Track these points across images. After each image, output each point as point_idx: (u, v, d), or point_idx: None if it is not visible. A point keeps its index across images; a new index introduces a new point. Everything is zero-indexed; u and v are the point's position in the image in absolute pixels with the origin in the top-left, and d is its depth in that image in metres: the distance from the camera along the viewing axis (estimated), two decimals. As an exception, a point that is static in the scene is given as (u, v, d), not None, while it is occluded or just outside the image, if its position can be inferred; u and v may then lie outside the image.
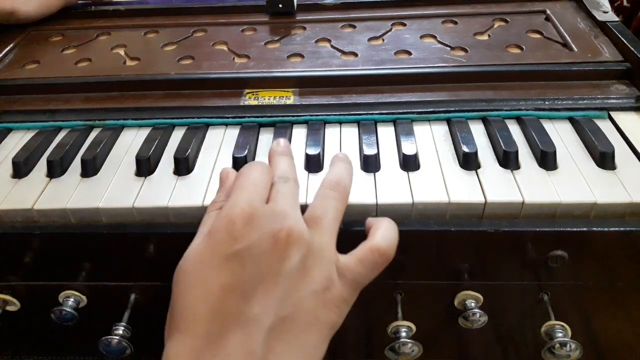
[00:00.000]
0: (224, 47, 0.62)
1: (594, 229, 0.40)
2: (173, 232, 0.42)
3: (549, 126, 0.48)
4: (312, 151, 0.46)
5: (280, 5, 0.67)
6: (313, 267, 0.33)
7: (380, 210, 0.42)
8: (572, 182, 0.42)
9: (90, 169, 0.47)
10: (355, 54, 0.58)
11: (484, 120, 0.50)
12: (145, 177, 0.46)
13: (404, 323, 0.44)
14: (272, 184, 0.36)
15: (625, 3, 0.83)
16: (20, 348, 0.54)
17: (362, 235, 0.41)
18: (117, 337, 0.43)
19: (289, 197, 0.35)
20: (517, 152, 0.45)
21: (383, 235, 0.36)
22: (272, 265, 0.32)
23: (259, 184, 0.35)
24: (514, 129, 0.48)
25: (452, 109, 0.50)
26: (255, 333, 0.31)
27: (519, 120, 0.50)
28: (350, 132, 0.50)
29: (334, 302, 0.33)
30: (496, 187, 0.42)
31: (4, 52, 0.63)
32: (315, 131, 0.49)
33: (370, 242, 0.35)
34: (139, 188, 0.45)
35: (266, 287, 0.32)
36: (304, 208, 0.41)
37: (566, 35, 0.58)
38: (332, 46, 0.60)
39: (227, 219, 0.33)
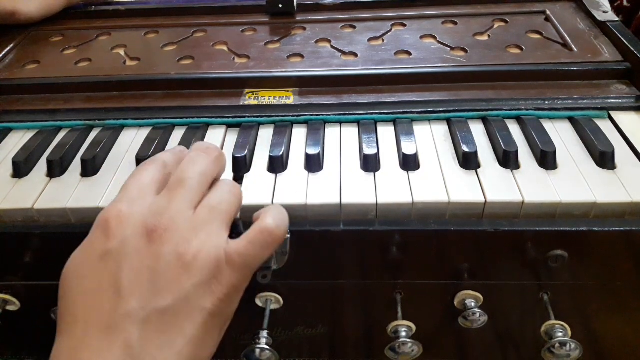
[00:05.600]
0: (224, 47, 0.62)
1: (594, 228, 0.40)
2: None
3: (549, 126, 0.48)
4: (312, 151, 0.46)
5: (280, 6, 0.67)
6: (197, 258, 0.33)
7: (380, 210, 0.42)
8: (572, 181, 0.42)
9: (90, 168, 0.47)
10: (355, 54, 0.58)
11: (484, 120, 0.50)
12: (145, 177, 0.46)
13: (404, 323, 0.44)
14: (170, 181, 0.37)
15: (625, 3, 0.83)
16: (21, 348, 0.54)
17: (362, 234, 0.41)
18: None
19: (177, 195, 0.35)
20: (517, 151, 0.45)
21: (273, 216, 0.36)
22: (146, 262, 0.32)
23: (146, 183, 0.36)
24: (514, 128, 0.48)
25: (452, 109, 0.50)
26: (131, 328, 0.31)
27: (519, 120, 0.50)
28: (350, 132, 0.50)
29: (222, 291, 0.33)
30: (496, 186, 0.42)
31: (4, 52, 0.63)
32: (315, 131, 0.49)
33: (260, 223, 0.35)
34: (139, 188, 0.45)
35: (141, 282, 0.32)
36: (304, 208, 0.42)
37: (566, 36, 0.58)
38: (332, 46, 0.60)
39: (103, 219, 0.34)
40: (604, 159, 0.44)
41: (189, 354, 0.32)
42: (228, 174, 0.46)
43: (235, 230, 0.36)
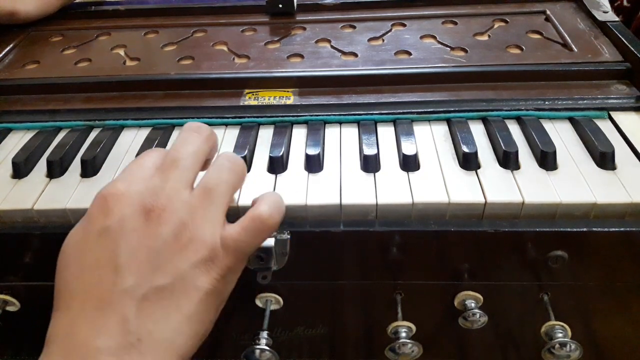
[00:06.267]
0: (224, 48, 0.62)
1: (594, 229, 0.40)
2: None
3: (549, 126, 0.48)
4: (312, 151, 0.46)
5: (280, 6, 0.67)
6: (193, 239, 0.34)
7: (380, 211, 0.42)
8: (572, 182, 0.42)
9: (90, 169, 0.47)
10: (355, 54, 0.58)
11: (484, 120, 0.50)
12: (145, 177, 0.46)
13: (404, 323, 0.44)
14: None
15: (625, 3, 0.83)
16: (21, 348, 0.54)
17: (362, 235, 0.41)
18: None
19: (171, 175, 0.35)
20: (517, 152, 0.45)
21: (268, 203, 0.36)
22: (143, 240, 0.33)
23: (146, 167, 0.36)
24: (514, 129, 0.48)
25: (452, 109, 0.50)
26: (128, 304, 0.31)
27: (519, 120, 0.50)
28: (350, 132, 0.50)
29: (218, 272, 0.34)
30: (496, 187, 0.42)
31: (4, 52, 0.63)
32: (315, 131, 0.49)
33: (253, 210, 0.36)
34: (139, 188, 0.45)
35: (139, 260, 0.32)
36: (304, 209, 0.42)
37: (566, 36, 0.58)
38: (332, 46, 0.60)
39: (101, 197, 0.34)
40: (604, 159, 0.44)
41: (184, 330, 0.33)
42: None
43: None
